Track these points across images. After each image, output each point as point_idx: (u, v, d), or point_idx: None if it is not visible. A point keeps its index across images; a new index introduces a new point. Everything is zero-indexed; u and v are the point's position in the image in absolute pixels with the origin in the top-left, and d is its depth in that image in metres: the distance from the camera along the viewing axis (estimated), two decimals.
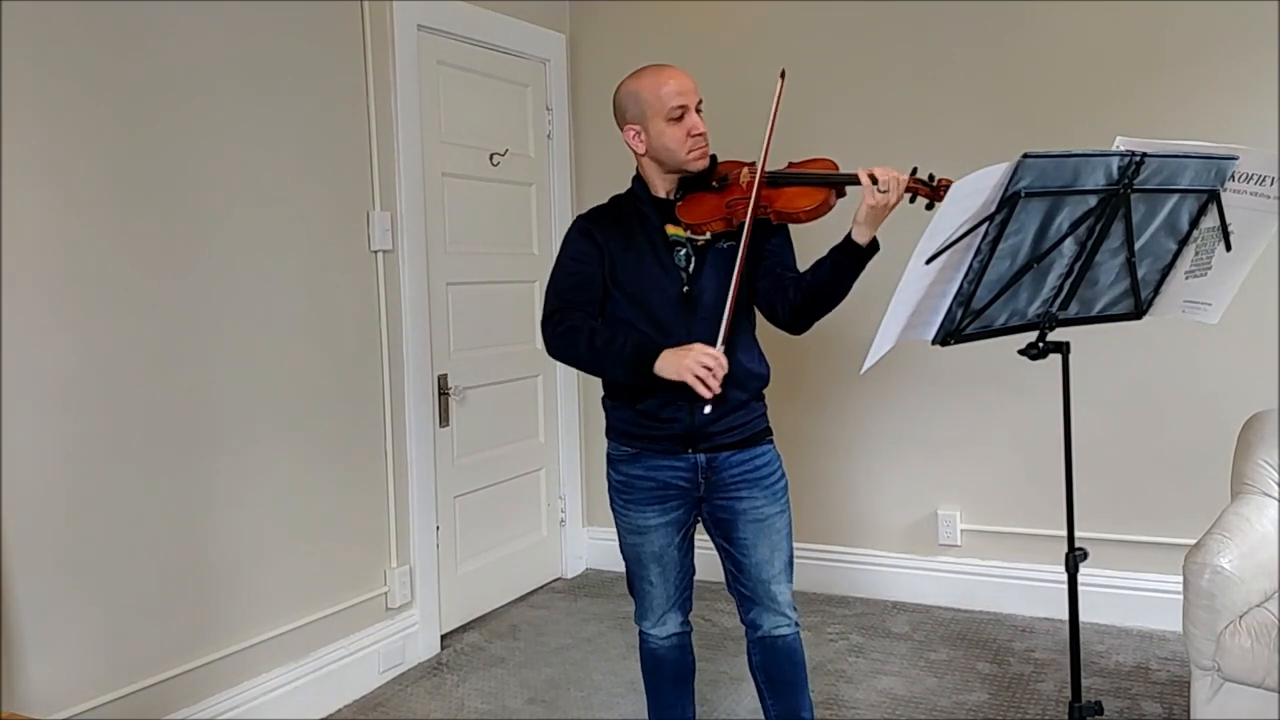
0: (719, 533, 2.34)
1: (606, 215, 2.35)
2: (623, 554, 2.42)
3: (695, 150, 2.24)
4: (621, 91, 2.29)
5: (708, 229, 2.23)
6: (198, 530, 2.78)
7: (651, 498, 2.31)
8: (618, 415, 2.35)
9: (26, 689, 2.39)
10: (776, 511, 2.30)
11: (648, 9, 4.19)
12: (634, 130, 2.27)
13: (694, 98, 2.24)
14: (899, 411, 3.88)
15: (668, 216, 2.28)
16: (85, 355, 2.51)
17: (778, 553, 2.31)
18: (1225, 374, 3.39)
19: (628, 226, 2.30)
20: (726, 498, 2.29)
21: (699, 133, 2.23)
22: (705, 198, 2.26)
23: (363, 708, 3.19)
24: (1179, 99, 3.38)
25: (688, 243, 2.26)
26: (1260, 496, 2.69)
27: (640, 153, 2.30)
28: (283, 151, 3.01)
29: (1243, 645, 2.35)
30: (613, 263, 2.28)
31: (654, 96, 2.22)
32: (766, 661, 2.36)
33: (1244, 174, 1.93)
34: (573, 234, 2.34)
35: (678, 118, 2.22)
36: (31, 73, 2.39)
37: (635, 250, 2.28)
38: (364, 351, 3.31)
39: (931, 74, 3.73)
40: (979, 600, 3.79)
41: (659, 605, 2.40)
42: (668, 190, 2.31)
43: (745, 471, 2.28)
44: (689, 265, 2.26)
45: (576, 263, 2.30)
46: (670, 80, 2.23)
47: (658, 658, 2.45)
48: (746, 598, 2.34)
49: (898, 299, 1.87)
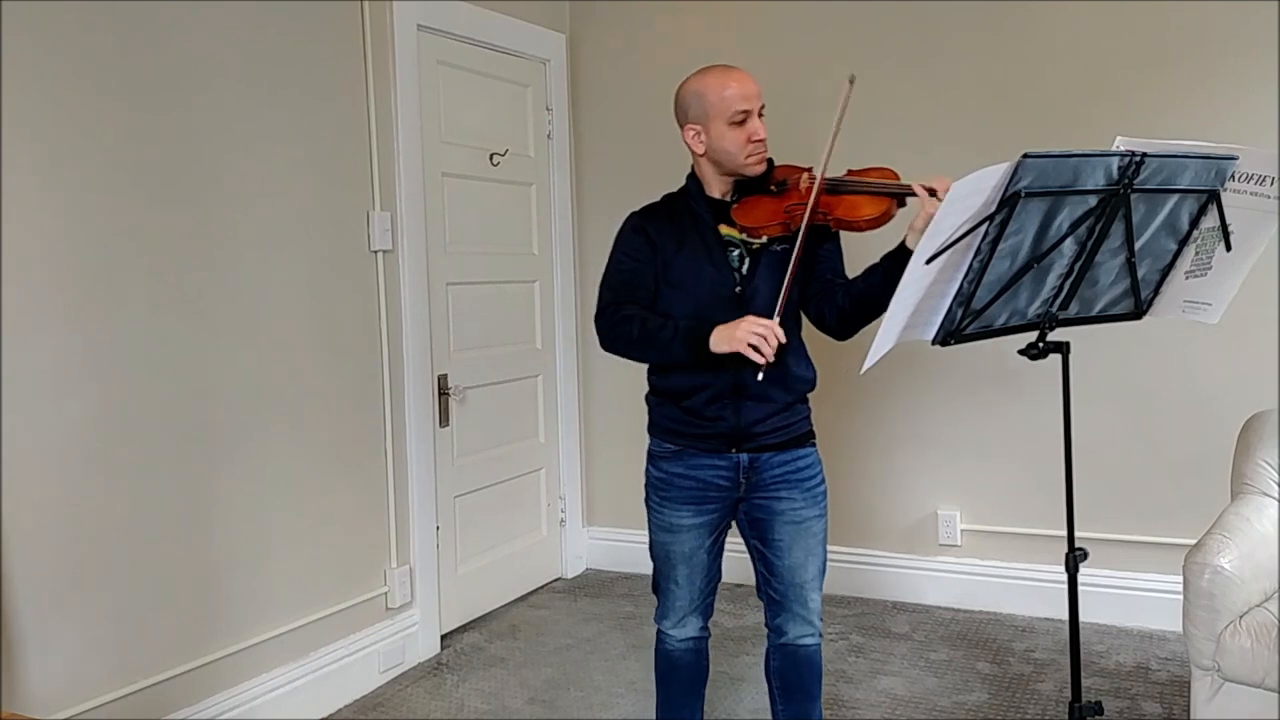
0: (754, 533, 2.33)
1: (660, 212, 2.34)
2: (651, 551, 2.41)
3: (754, 155, 2.22)
4: (685, 90, 2.27)
5: (764, 232, 2.22)
6: (198, 530, 2.78)
7: (689, 497, 2.31)
8: (662, 412, 2.35)
9: (26, 689, 2.39)
10: (814, 515, 2.30)
11: (648, 9, 4.19)
12: (694, 130, 2.25)
13: (757, 102, 2.22)
14: (899, 411, 3.88)
15: (721, 216, 2.27)
16: (85, 355, 2.51)
17: (812, 557, 2.31)
18: (1225, 374, 3.39)
19: (681, 225, 2.29)
20: (765, 497, 2.29)
21: (759, 139, 2.21)
22: (762, 201, 2.24)
23: (363, 708, 3.19)
24: (1179, 99, 3.38)
25: (742, 244, 2.25)
26: (1260, 496, 2.69)
27: (699, 153, 2.27)
28: (283, 151, 3.01)
29: (1243, 645, 2.35)
30: (666, 260, 2.27)
31: (718, 98, 2.20)
32: (785, 668, 2.36)
33: (1244, 174, 1.93)
34: (626, 230, 2.34)
35: (740, 121, 2.20)
36: (32, 72, 2.39)
37: (689, 249, 2.26)
38: (364, 351, 3.31)
39: (931, 74, 3.73)
40: (979, 600, 3.79)
41: (682, 606, 2.39)
42: (723, 191, 2.29)
43: (787, 472, 2.28)
44: (742, 266, 2.25)
45: (630, 259, 2.30)
46: (735, 83, 2.21)
47: (673, 659, 2.44)
48: (776, 602, 2.34)
49: (898, 299, 1.87)
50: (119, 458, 2.59)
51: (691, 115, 2.25)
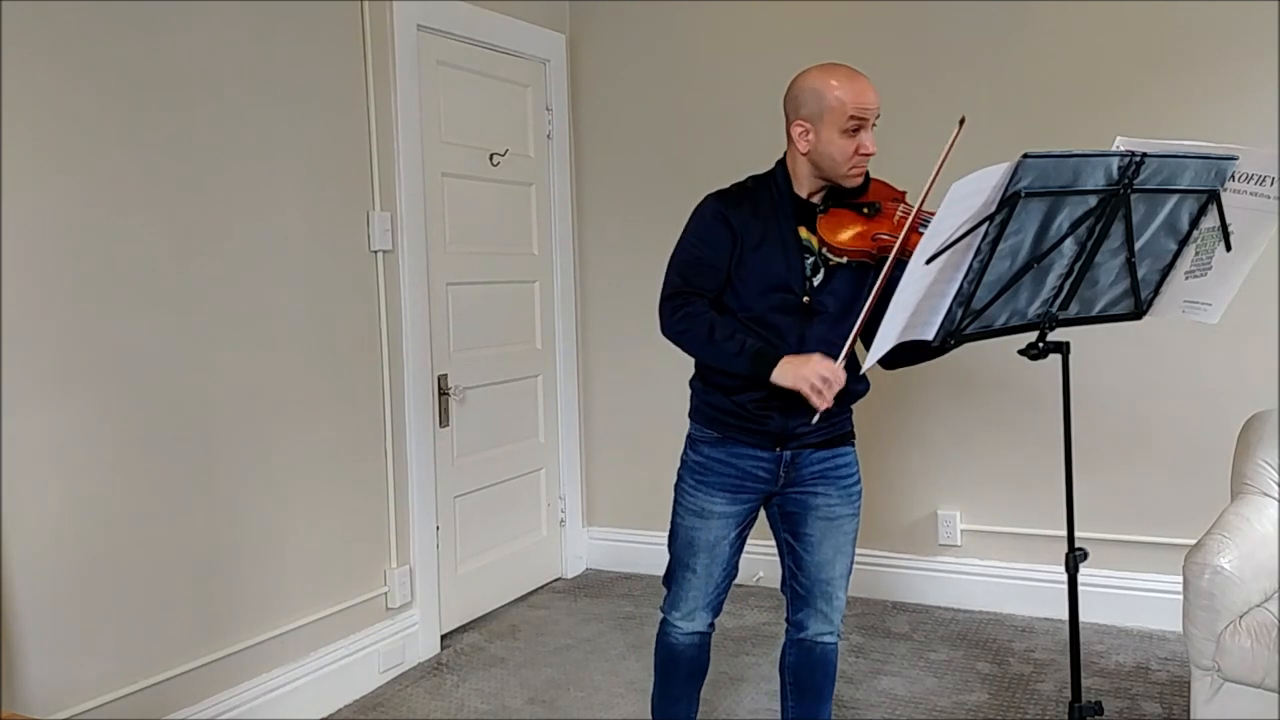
0: (785, 526, 2.32)
1: (744, 201, 2.24)
2: (672, 538, 2.37)
3: (857, 168, 2.17)
4: (802, 83, 2.18)
5: (848, 256, 2.16)
6: (197, 530, 2.78)
7: (727, 484, 2.29)
8: (708, 401, 2.31)
9: (26, 689, 2.39)
10: (848, 514, 2.30)
11: (648, 9, 4.19)
12: (803, 127, 2.16)
13: (874, 115, 2.16)
14: (899, 412, 3.88)
15: (805, 218, 2.21)
16: (84, 355, 2.51)
17: (841, 555, 2.30)
18: (1225, 374, 3.39)
19: (762, 218, 2.21)
20: (801, 492, 2.29)
21: (867, 152, 2.15)
22: (851, 218, 2.17)
23: (363, 708, 3.19)
24: (1179, 99, 3.38)
25: (819, 255, 2.20)
26: (1260, 496, 2.69)
27: (801, 151, 2.18)
28: (283, 151, 3.00)
29: (1243, 645, 2.35)
30: (741, 253, 2.21)
31: (837, 101, 2.12)
32: (799, 665, 2.36)
33: (1244, 174, 1.93)
34: (707, 214, 2.25)
35: (853, 130, 2.14)
36: (32, 73, 2.39)
37: (766, 246, 2.20)
38: (364, 351, 3.31)
39: (931, 74, 3.73)
40: (979, 600, 3.79)
41: (695, 598, 2.36)
42: (811, 191, 2.22)
43: (825, 469, 2.28)
44: (815, 276, 2.20)
45: (705, 245, 2.23)
46: (858, 91, 2.13)
47: (676, 651, 2.43)
48: (800, 596, 2.33)
49: (898, 299, 1.87)
50: (119, 458, 2.59)
51: (804, 112, 2.16)
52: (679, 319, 2.20)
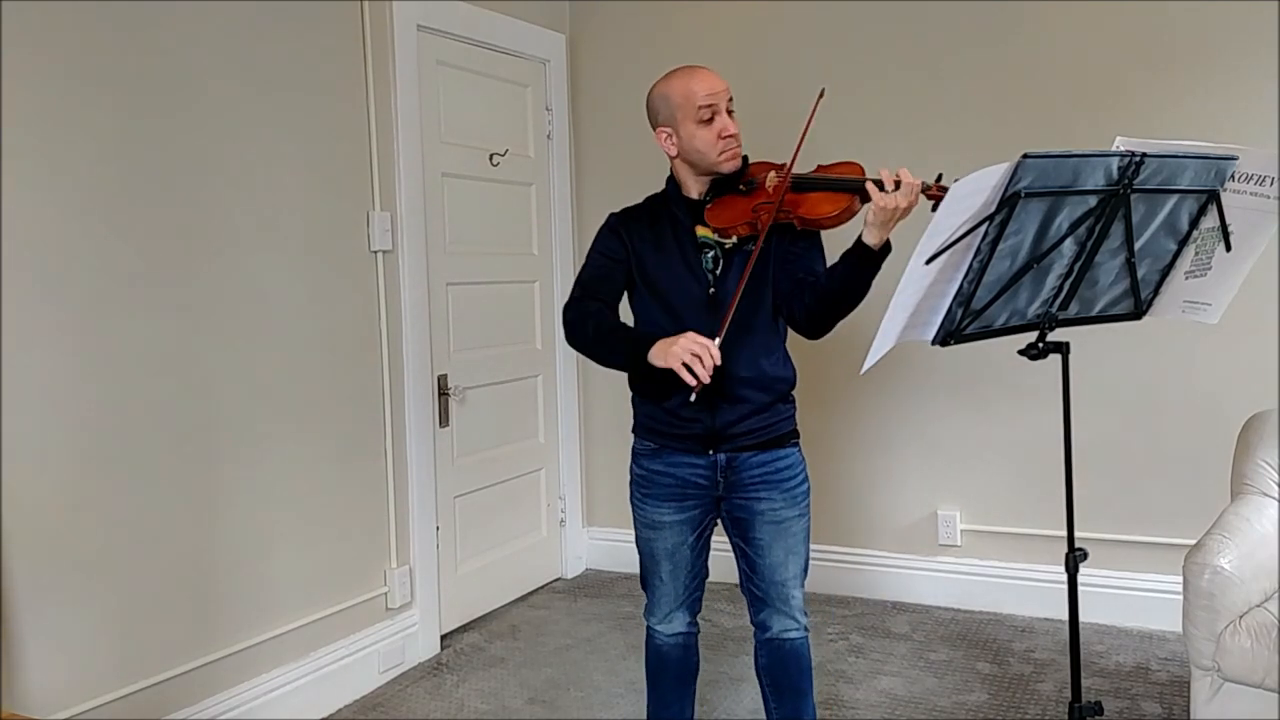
0: (736, 532, 2.34)
1: (639, 215, 2.36)
2: (637, 547, 2.42)
3: (726, 152, 2.22)
4: (653, 94, 2.29)
5: (733, 233, 2.22)
6: (198, 530, 2.78)
7: (669, 494, 2.32)
8: (643, 411, 2.37)
9: (26, 689, 2.39)
10: (795, 515, 2.30)
11: (648, 9, 4.19)
12: (665, 133, 2.27)
13: (724, 98, 2.22)
14: (899, 412, 3.89)
15: (698, 217, 2.27)
16: (85, 355, 2.51)
17: (793, 556, 2.31)
18: (1225, 374, 3.39)
19: (659, 227, 2.31)
20: (745, 498, 2.29)
21: (730, 134, 2.21)
22: (733, 200, 2.25)
23: (363, 708, 3.19)
24: (1179, 99, 3.38)
25: (716, 245, 2.26)
26: (1260, 496, 2.69)
27: (672, 155, 2.29)
28: (283, 151, 3.01)
29: (1243, 645, 2.36)
30: (641, 262, 2.29)
31: (683, 98, 2.21)
32: (773, 664, 2.36)
33: (1244, 174, 1.93)
34: (604, 230, 2.37)
35: (708, 119, 2.20)
36: (31, 73, 2.39)
37: (665, 251, 2.28)
38: (364, 351, 3.31)
39: (931, 74, 3.73)
40: (979, 600, 3.79)
41: (667, 602, 2.40)
42: (700, 191, 2.30)
43: (766, 473, 2.28)
44: (716, 268, 2.26)
45: (602, 257, 2.33)
46: (699, 81, 2.21)
47: (662, 654, 2.46)
48: (758, 598, 2.34)
49: (897, 299, 1.87)
50: (119, 458, 2.59)
51: (661, 118, 2.27)
52: (573, 319, 2.28)
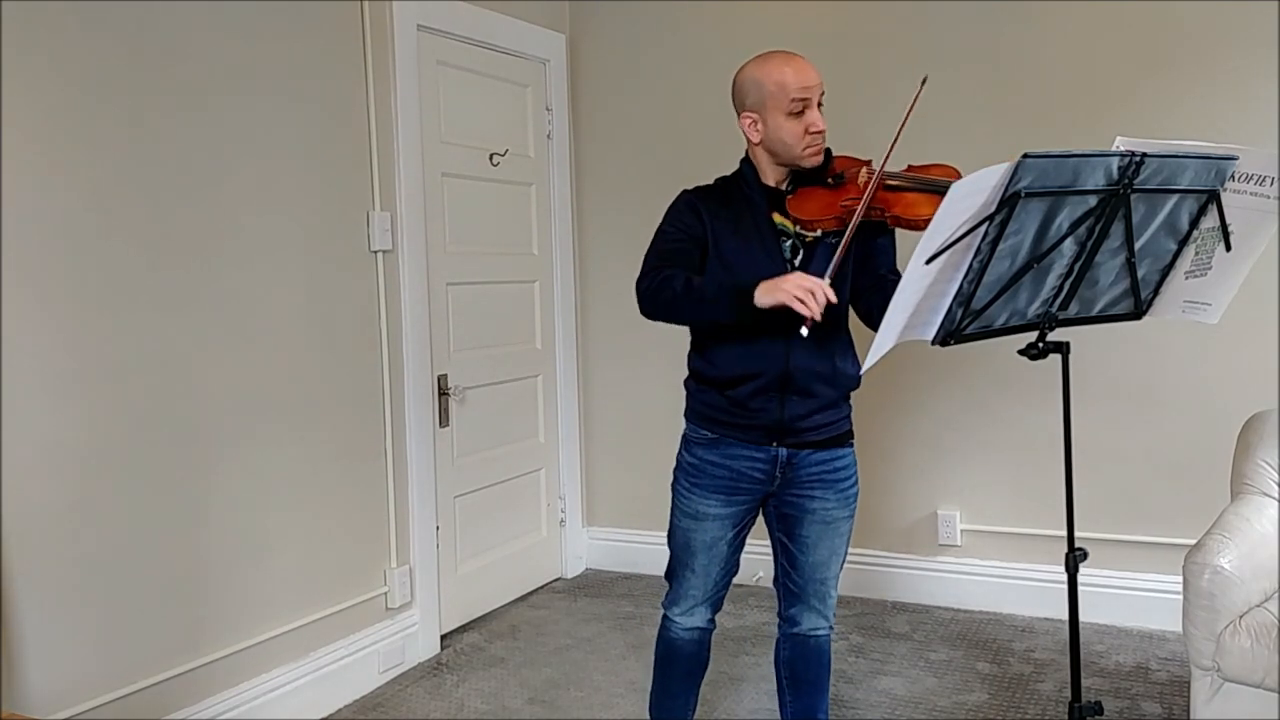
0: (781, 527, 2.32)
1: (715, 194, 2.28)
2: (671, 537, 2.38)
3: (811, 147, 2.18)
4: (743, 76, 2.21)
5: (820, 226, 2.17)
6: (198, 530, 2.78)
7: (720, 486, 2.28)
8: (703, 399, 2.31)
9: (26, 689, 2.39)
10: (845, 516, 2.30)
11: (648, 9, 4.19)
12: (751, 118, 2.20)
13: (817, 92, 2.17)
14: (899, 411, 3.88)
15: (776, 205, 2.23)
16: (85, 355, 2.51)
17: (835, 556, 2.31)
18: (1225, 374, 3.39)
19: (736, 209, 2.24)
20: (798, 495, 2.28)
21: (818, 130, 2.16)
22: (818, 193, 2.20)
23: (363, 708, 3.19)
24: (1179, 99, 3.38)
25: (795, 235, 2.22)
26: (1260, 496, 2.69)
27: (754, 141, 2.23)
28: (283, 151, 3.01)
29: (1242, 645, 2.36)
30: (718, 242, 2.22)
31: (777, 87, 2.14)
32: (794, 658, 2.36)
33: (1244, 174, 1.93)
34: (680, 205, 2.27)
35: (798, 112, 2.15)
36: (30, 73, 2.39)
37: (742, 234, 2.22)
38: (364, 351, 3.31)
39: (931, 74, 3.71)
40: (979, 600, 3.79)
41: (694, 595, 2.37)
42: (778, 180, 2.25)
43: (823, 471, 2.27)
44: (794, 257, 2.22)
45: (679, 232, 2.24)
46: (795, 72, 2.15)
47: (675, 647, 2.43)
48: (794, 593, 2.33)
49: (898, 299, 1.87)
50: (119, 458, 2.59)
51: (749, 103, 2.19)
52: (654, 287, 2.16)
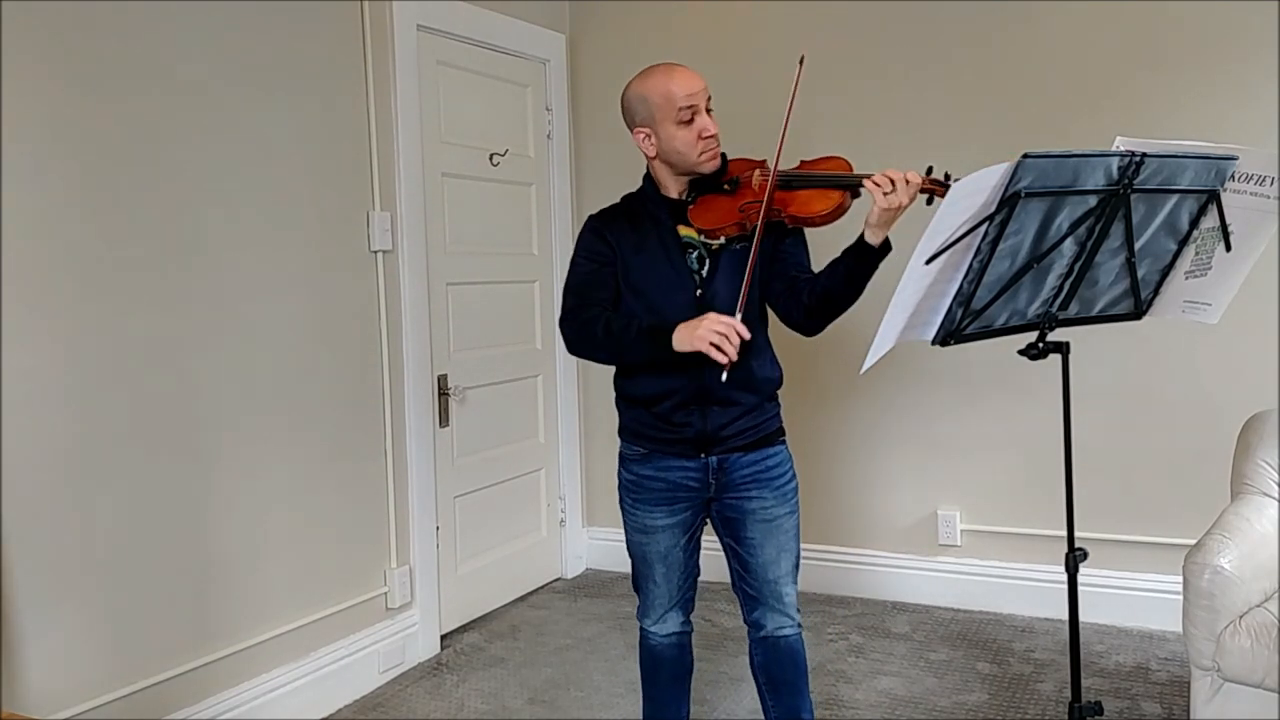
0: (727, 532, 2.34)
1: (618, 215, 2.33)
2: (629, 551, 2.42)
3: (707, 152, 2.20)
4: (629, 94, 2.25)
5: (722, 234, 2.20)
6: (198, 530, 2.78)
7: (660, 498, 2.31)
8: (631, 416, 2.34)
9: (26, 689, 2.39)
10: (785, 512, 2.30)
11: (648, 9, 4.19)
12: (644, 133, 2.23)
13: (703, 98, 2.20)
14: (899, 412, 3.88)
15: (680, 217, 2.25)
16: (85, 355, 2.51)
17: (785, 553, 2.31)
18: (1225, 374, 3.39)
19: (640, 227, 2.28)
20: (736, 497, 2.29)
21: (710, 134, 2.19)
22: (718, 200, 2.22)
23: (363, 708, 3.19)
24: (1179, 99, 3.38)
25: (701, 245, 2.24)
26: (1260, 496, 2.69)
27: (650, 155, 2.26)
28: (283, 151, 3.01)
29: (1243, 645, 2.36)
30: (625, 264, 2.26)
31: (662, 98, 2.17)
32: (768, 662, 2.36)
33: (1244, 174, 1.93)
34: (586, 233, 2.33)
35: (687, 120, 2.17)
36: (28, 72, 2.39)
37: (648, 252, 2.25)
38: (364, 351, 3.31)
39: (931, 74, 3.73)
40: (979, 600, 3.79)
41: (661, 603, 2.40)
42: (679, 191, 2.28)
43: (756, 472, 2.28)
44: (702, 268, 2.24)
45: (590, 261, 2.29)
46: (678, 81, 2.18)
47: (656, 655, 2.45)
48: (751, 597, 2.34)
49: (897, 299, 1.87)
50: (119, 458, 2.59)
51: (639, 119, 2.23)
52: (576, 328, 2.24)
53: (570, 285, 2.30)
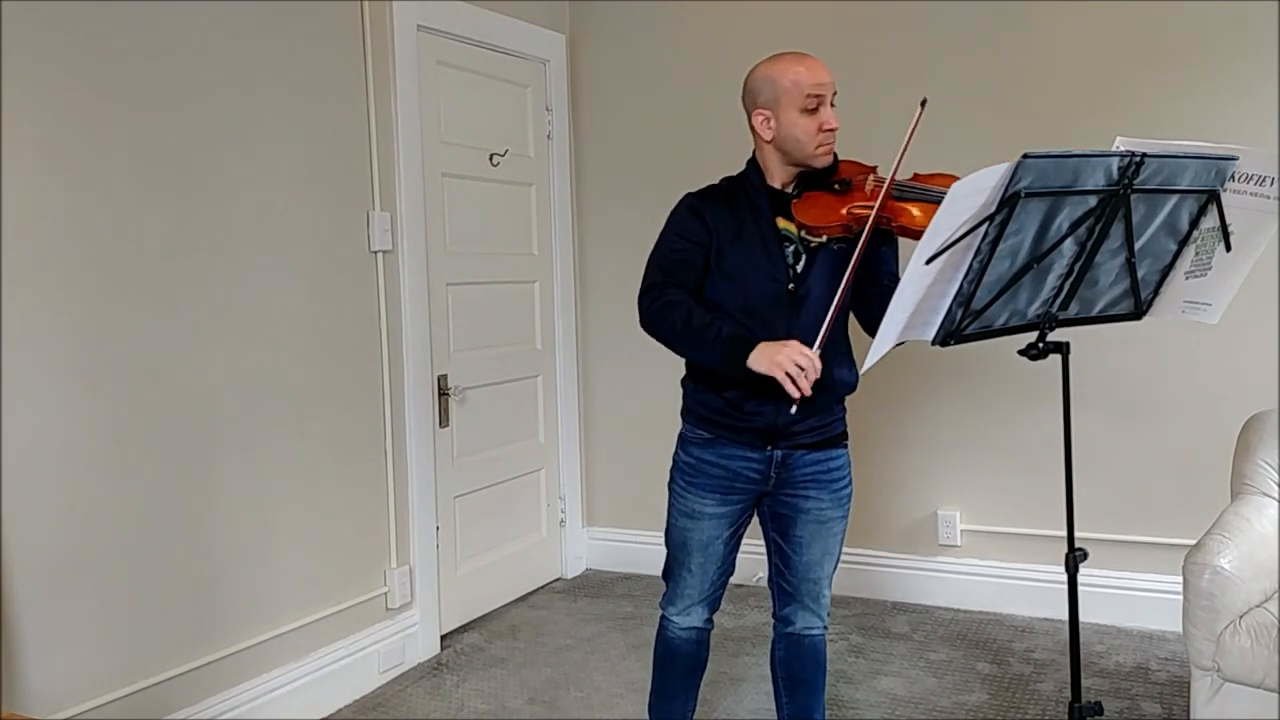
0: (775, 527, 2.33)
1: (718, 198, 2.27)
2: (668, 536, 2.38)
3: (824, 146, 2.18)
4: (756, 75, 2.22)
5: (825, 232, 2.17)
6: (198, 530, 2.78)
7: (716, 485, 2.28)
8: (699, 399, 2.31)
9: (26, 689, 2.39)
10: (839, 516, 2.30)
11: (648, 9, 4.19)
12: (764, 115, 2.19)
13: (830, 91, 2.17)
14: (899, 412, 3.88)
15: (780, 208, 2.22)
16: (84, 355, 2.51)
17: (829, 556, 2.31)
18: (1225, 374, 3.40)
19: (740, 213, 2.23)
20: (792, 495, 2.28)
21: (831, 128, 2.17)
22: (824, 198, 2.19)
23: (363, 708, 3.19)
24: (1179, 99, 3.38)
25: (799, 240, 2.21)
26: (1260, 496, 2.69)
27: (766, 139, 2.21)
28: (282, 152, 3.00)
29: (1242, 645, 2.36)
30: (720, 248, 2.22)
31: (791, 83, 2.15)
32: (790, 658, 2.36)
33: (1244, 174, 1.93)
34: (682, 210, 2.28)
35: (812, 109, 2.16)
36: (32, 72, 2.39)
37: (745, 239, 2.21)
38: (364, 351, 3.31)
39: (931, 74, 3.73)
40: (979, 600, 3.79)
41: (690, 595, 2.37)
42: (784, 182, 2.24)
43: (817, 472, 2.28)
44: (797, 263, 2.21)
45: (683, 240, 2.24)
46: (809, 69, 2.16)
47: (674, 646, 2.43)
48: (788, 593, 2.34)
49: (898, 299, 1.87)
50: (119, 458, 2.59)
51: (761, 100, 2.19)
52: (657, 308, 2.18)
53: (658, 260, 2.25)
